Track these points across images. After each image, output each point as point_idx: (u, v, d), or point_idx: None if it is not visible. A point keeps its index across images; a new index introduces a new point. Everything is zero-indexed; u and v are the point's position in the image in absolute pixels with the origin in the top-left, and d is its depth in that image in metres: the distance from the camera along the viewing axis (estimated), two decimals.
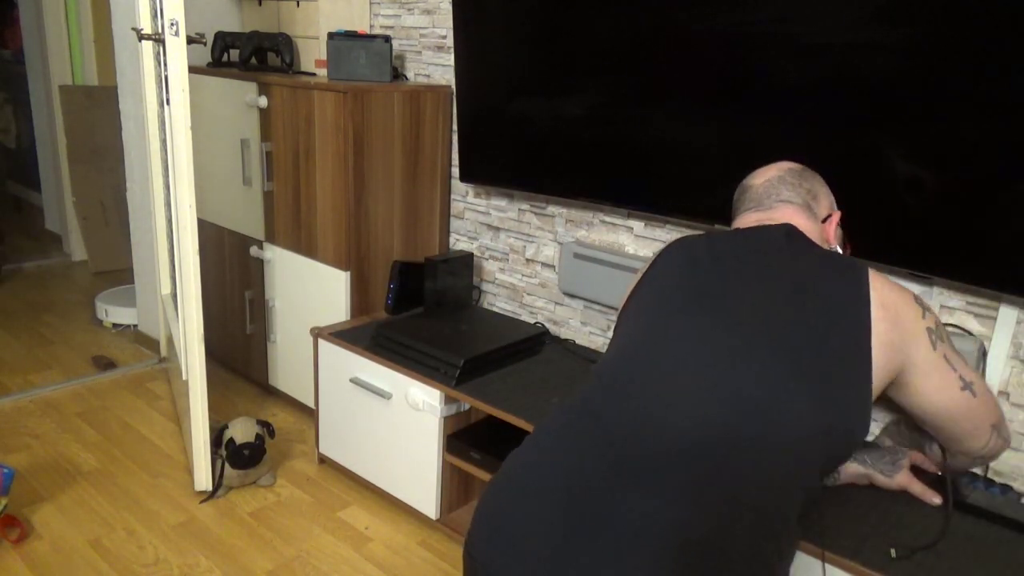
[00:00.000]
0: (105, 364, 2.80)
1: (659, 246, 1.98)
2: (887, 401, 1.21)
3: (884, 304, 1.05)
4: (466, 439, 1.86)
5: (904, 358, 1.07)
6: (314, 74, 2.43)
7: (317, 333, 2.11)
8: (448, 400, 1.85)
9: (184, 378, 2.06)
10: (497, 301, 2.42)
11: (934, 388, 1.11)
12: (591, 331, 2.17)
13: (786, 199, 1.21)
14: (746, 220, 1.23)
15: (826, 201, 1.25)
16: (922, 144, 1.38)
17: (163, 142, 2.25)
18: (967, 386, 1.13)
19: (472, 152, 2.19)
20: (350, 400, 2.06)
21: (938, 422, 1.16)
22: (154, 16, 2.10)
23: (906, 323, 1.07)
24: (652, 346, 1.04)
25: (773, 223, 1.18)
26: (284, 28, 2.53)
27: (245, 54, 2.44)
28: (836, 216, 1.25)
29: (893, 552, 1.20)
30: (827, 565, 1.21)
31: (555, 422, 1.05)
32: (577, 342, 2.18)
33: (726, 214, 1.70)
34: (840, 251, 1.24)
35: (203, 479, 2.03)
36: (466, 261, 2.22)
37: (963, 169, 1.34)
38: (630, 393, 1.01)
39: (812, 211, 1.22)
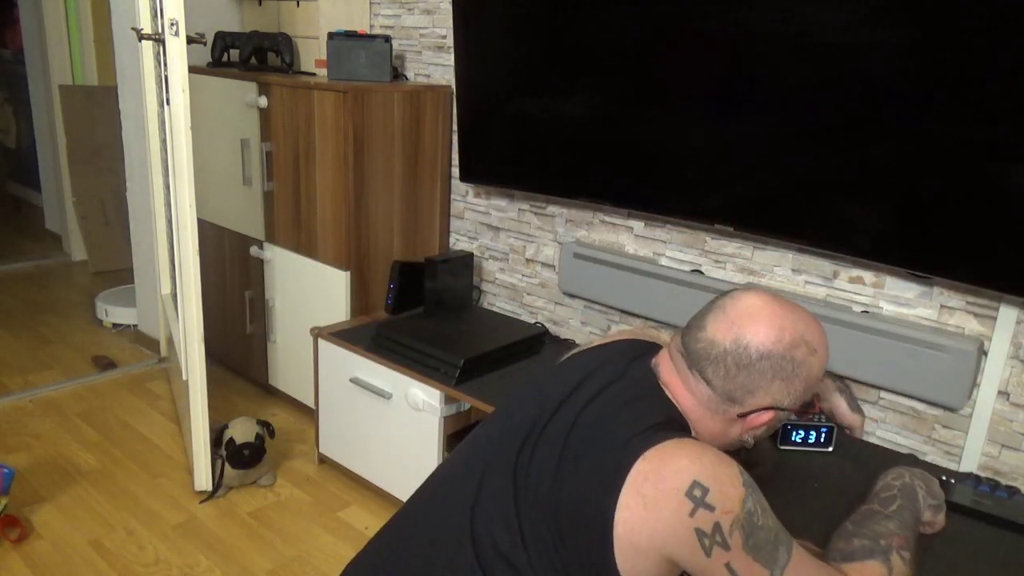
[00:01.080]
0: (105, 364, 2.80)
1: (659, 246, 1.98)
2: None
3: (631, 488, 0.89)
4: None
5: (667, 554, 0.90)
6: (314, 74, 2.43)
7: (317, 333, 2.11)
8: (448, 400, 1.85)
9: (184, 378, 2.06)
10: (497, 301, 2.42)
11: None
12: (591, 331, 2.17)
13: (708, 379, 1.01)
14: (669, 354, 1.07)
15: (764, 399, 1.01)
16: (923, 144, 1.38)
17: (163, 142, 2.25)
18: None
19: (472, 152, 2.19)
20: (350, 400, 2.06)
21: None
22: (154, 16, 2.10)
23: (659, 516, 0.88)
24: (430, 522, 1.03)
25: (653, 380, 1.05)
26: (284, 28, 2.53)
27: (245, 54, 2.44)
28: (765, 416, 1.02)
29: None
30: None
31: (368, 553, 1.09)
32: (577, 342, 2.18)
33: (726, 215, 1.70)
34: (750, 440, 1.07)
35: (203, 479, 2.03)
36: (466, 261, 2.22)
37: (963, 169, 1.34)
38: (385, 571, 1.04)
39: (732, 403, 1.02)
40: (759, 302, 1.02)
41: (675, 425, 1.00)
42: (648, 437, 0.93)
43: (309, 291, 2.33)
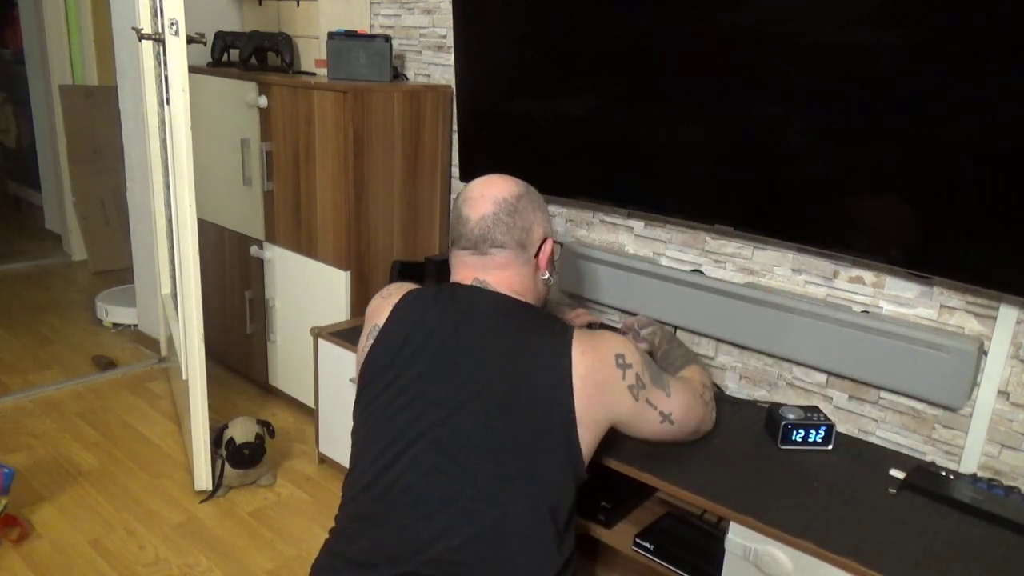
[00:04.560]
0: (105, 364, 2.80)
1: (659, 246, 1.98)
2: None
3: (584, 378, 1.17)
4: None
5: (612, 417, 1.23)
6: (314, 74, 2.43)
7: (317, 333, 2.11)
8: None
9: (184, 378, 2.06)
10: None
11: (639, 429, 1.30)
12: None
13: (500, 244, 1.28)
14: (462, 264, 1.32)
15: (539, 230, 1.33)
16: (922, 144, 1.38)
17: (163, 142, 2.25)
18: (665, 418, 1.32)
19: (472, 152, 2.19)
20: (350, 400, 2.06)
21: (655, 439, 1.37)
22: (154, 16, 2.10)
23: (608, 390, 1.20)
24: (390, 476, 1.14)
25: (488, 288, 1.28)
26: (284, 28, 2.54)
27: (245, 54, 2.44)
28: (549, 244, 1.35)
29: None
30: (830, 566, 1.21)
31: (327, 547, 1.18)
32: None
33: (726, 215, 1.70)
34: (550, 277, 1.36)
35: (203, 479, 2.03)
36: None
37: (963, 169, 1.34)
38: (377, 522, 1.13)
39: (525, 249, 1.30)
40: (483, 177, 1.35)
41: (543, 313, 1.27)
42: (558, 344, 1.18)
43: (309, 291, 2.33)
